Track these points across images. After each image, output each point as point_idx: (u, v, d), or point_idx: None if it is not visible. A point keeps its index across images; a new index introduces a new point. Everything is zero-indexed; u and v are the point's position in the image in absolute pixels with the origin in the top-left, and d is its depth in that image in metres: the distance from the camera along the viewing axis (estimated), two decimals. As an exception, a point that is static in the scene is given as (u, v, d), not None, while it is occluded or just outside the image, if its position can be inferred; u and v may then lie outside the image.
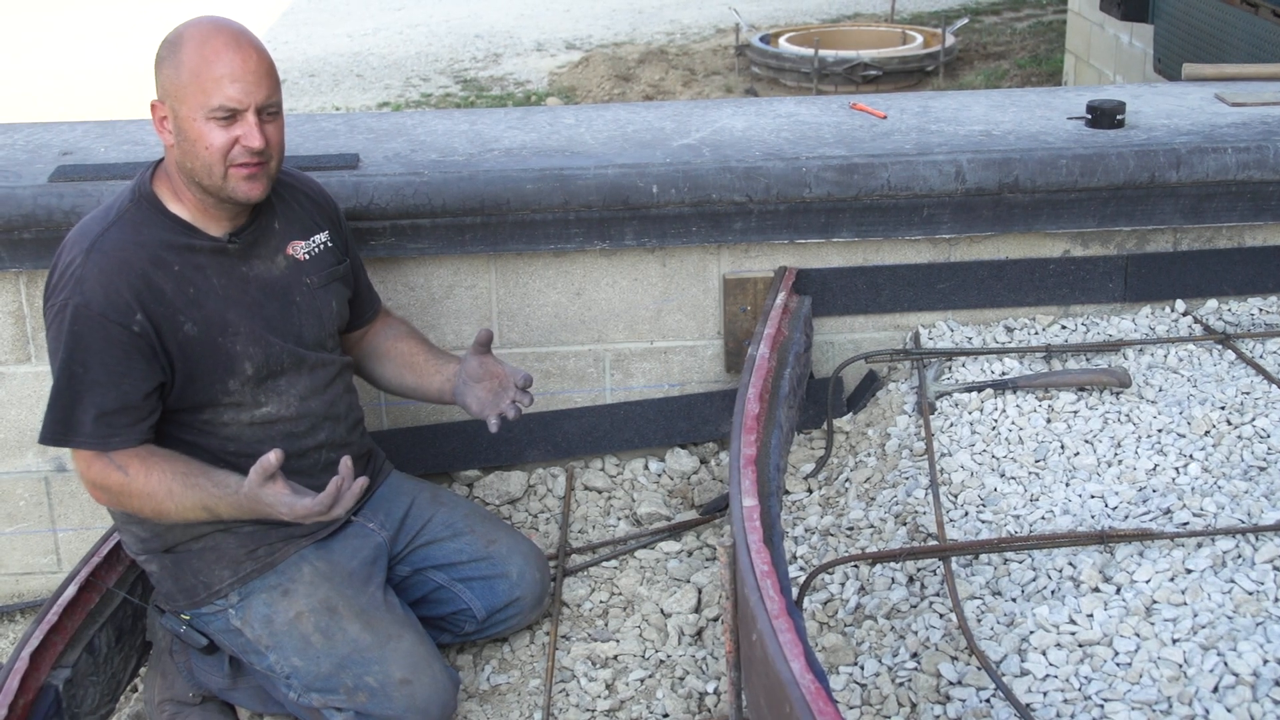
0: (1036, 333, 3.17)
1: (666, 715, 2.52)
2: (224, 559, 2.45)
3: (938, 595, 2.37)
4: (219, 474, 2.35)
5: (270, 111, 2.33)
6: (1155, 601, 2.19)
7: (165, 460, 2.34)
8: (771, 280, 3.12)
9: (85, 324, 2.27)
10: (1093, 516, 2.46)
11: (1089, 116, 3.22)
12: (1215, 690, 1.98)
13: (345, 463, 2.28)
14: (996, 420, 2.82)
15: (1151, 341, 3.07)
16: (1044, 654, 2.14)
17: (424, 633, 2.54)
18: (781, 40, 9.33)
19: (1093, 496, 2.52)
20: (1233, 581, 2.19)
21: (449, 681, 2.49)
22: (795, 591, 2.34)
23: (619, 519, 3.13)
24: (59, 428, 2.32)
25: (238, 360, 2.40)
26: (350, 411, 2.62)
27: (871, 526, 2.65)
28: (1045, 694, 2.07)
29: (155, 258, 2.33)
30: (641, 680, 2.61)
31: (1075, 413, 2.80)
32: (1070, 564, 2.33)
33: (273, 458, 2.24)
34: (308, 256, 2.53)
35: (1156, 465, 2.59)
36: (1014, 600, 2.29)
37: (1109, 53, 7.06)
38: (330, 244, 2.59)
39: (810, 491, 2.93)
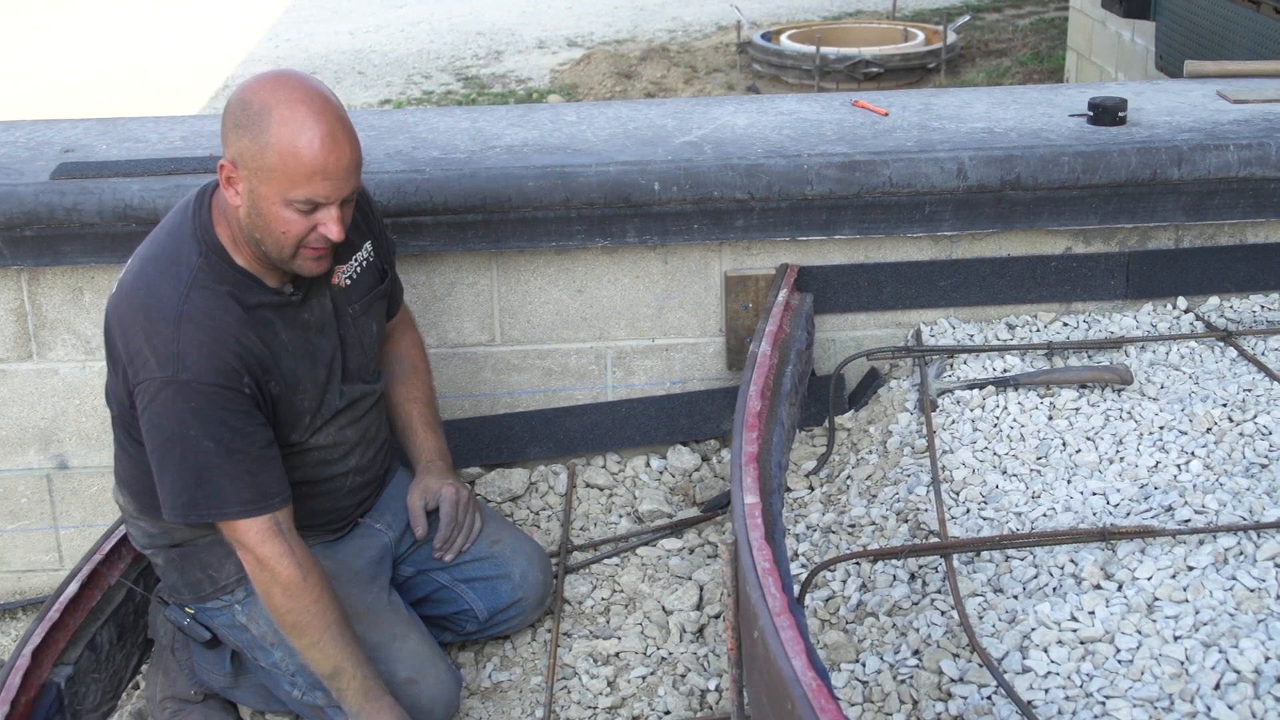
0: (1038, 330, 3.17)
1: (668, 712, 2.52)
2: (232, 555, 2.43)
3: (939, 592, 2.37)
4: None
5: (350, 200, 2.26)
6: (1157, 599, 2.19)
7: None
8: (773, 277, 3.11)
9: (201, 399, 2.19)
10: (1094, 514, 2.46)
11: (1091, 114, 3.21)
12: (1217, 687, 1.98)
13: None
14: (998, 417, 2.82)
15: (1153, 339, 3.07)
16: (1045, 651, 2.14)
17: (428, 633, 2.55)
18: (783, 37, 9.33)
19: (1094, 494, 2.52)
20: (1234, 579, 2.19)
21: (453, 681, 2.50)
22: (797, 589, 2.34)
23: (620, 516, 3.13)
24: (211, 503, 2.23)
25: (302, 415, 2.39)
26: (379, 433, 2.61)
27: (873, 524, 2.65)
28: (1047, 691, 2.06)
29: (240, 318, 2.25)
30: (643, 677, 2.61)
31: (1077, 410, 2.80)
32: (1072, 561, 2.32)
33: None
34: (349, 282, 2.46)
35: (1158, 462, 2.59)
36: (1016, 597, 2.29)
37: (1111, 50, 7.06)
38: (372, 259, 2.52)
39: (812, 489, 2.93)
